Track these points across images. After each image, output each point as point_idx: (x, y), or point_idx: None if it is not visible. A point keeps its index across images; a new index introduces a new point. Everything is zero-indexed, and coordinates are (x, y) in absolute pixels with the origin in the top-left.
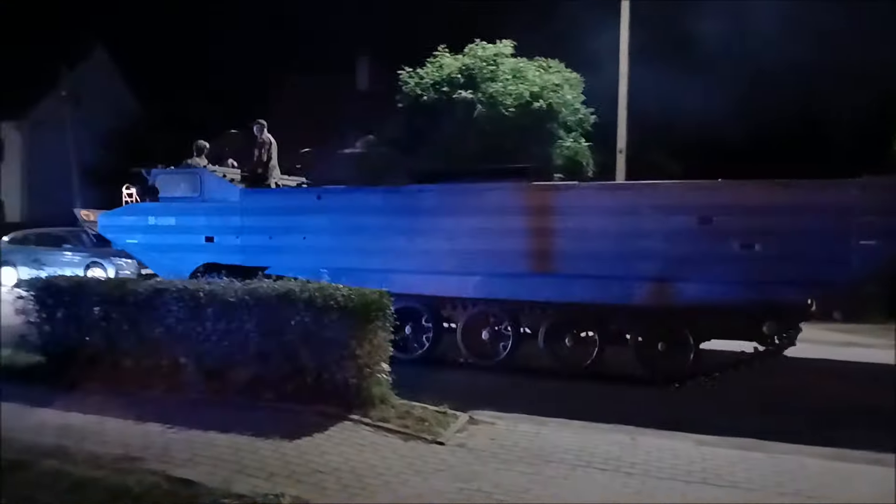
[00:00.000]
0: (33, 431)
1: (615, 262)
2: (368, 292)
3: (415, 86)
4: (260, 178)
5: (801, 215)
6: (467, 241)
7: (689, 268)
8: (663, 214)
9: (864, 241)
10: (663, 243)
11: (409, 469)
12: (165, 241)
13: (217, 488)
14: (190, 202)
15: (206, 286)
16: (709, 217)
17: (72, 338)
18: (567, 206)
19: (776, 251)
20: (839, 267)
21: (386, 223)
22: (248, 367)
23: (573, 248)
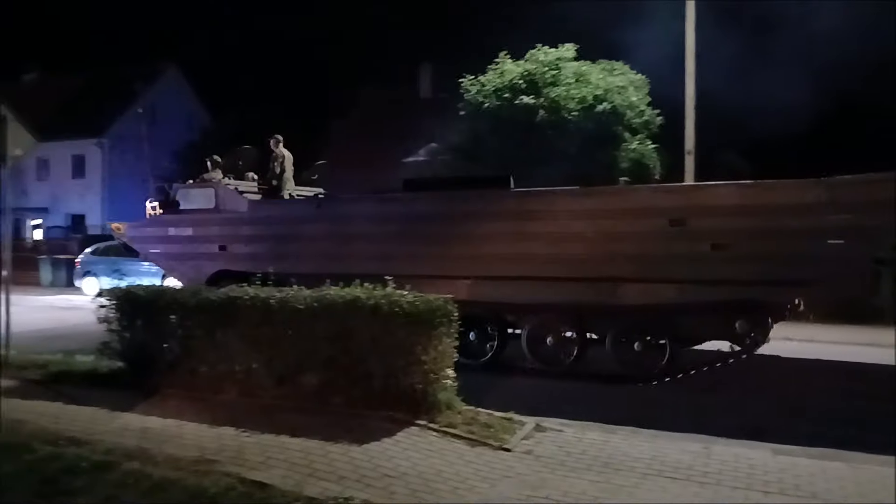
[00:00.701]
0: (116, 434)
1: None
2: (433, 299)
3: (476, 93)
4: (274, 189)
5: (770, 216)
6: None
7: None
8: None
9: (832, 240)
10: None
11: (476, 475)
12: (183, 250)
13: (289, 491)
14: (206, 214)
15: (276, 293)
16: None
17: (150, 345)
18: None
19: (746, 251)
20: (808, 266)
21: (381, 230)
22: (317, 372)
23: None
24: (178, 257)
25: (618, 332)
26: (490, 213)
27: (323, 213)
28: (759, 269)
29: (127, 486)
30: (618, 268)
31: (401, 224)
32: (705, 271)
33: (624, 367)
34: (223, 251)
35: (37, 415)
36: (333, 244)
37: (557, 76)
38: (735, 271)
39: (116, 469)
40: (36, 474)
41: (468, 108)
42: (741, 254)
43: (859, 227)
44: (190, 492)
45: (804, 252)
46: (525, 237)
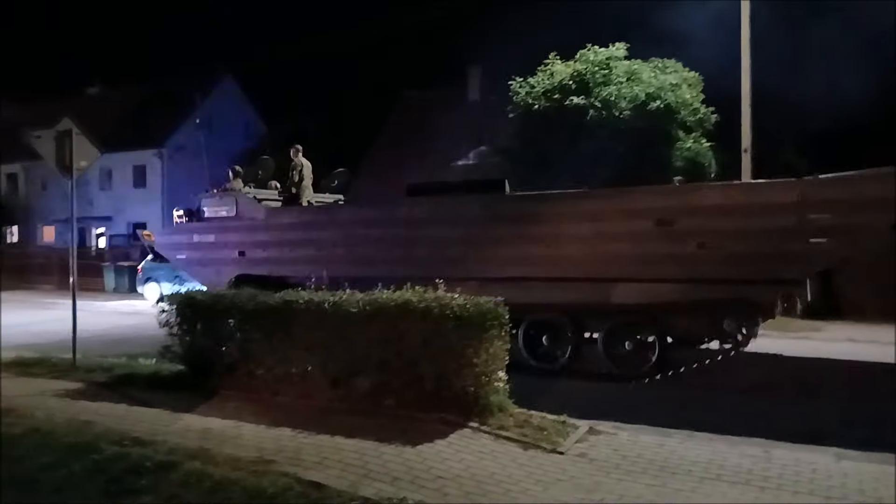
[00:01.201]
0: (179, 435)
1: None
2: (484, 302)
3: (525, 95)
4: (293, 197)
5: (754, 215)
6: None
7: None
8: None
9: (814, 238)
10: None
11: (529, 478)
12: (206, 255)
13: (345, 491)
14: (227, 221)
15: (329, 297)
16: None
17: (210, 348)
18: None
19: (729, 251)
20: (791, 265)
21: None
22: (371, 375)
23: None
24: (202, 262)
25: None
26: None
27: (333, 219)
28: (743, 269)
29: (189, 486)
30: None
31: (403, 228)
32: (691, 270)
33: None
34: (242, 256)
35: (103, 416)
36: (342, 248)
37: (608, 75)
38: (720, 271)
39: (179, 469)
40: (103, 473)
41: (517, 110)
42: (726, 253)
43: (840, 225)
44: (249, 491)
45: (787, 251)
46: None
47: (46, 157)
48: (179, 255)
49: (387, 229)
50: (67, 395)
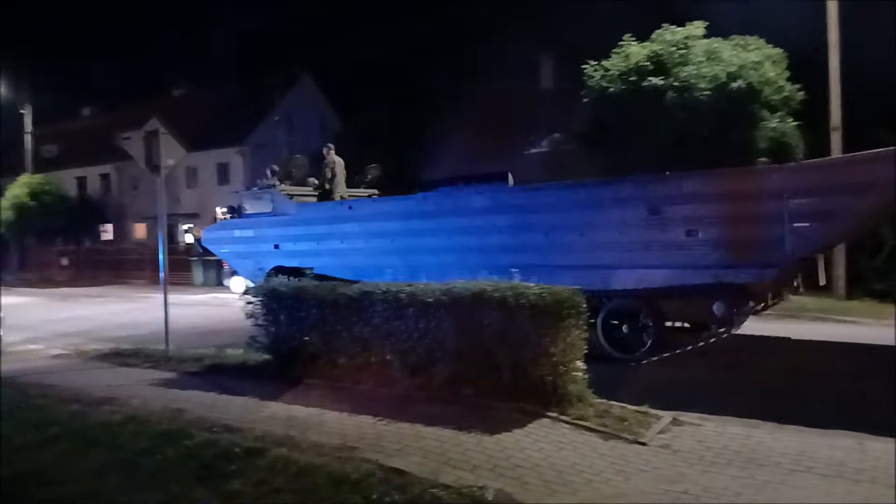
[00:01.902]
0: (265, 422)
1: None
2: (560, 290)
3: (600, 78)
4: (326, 193)
5: (738, 201)
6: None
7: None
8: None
9: (797, 223)
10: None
11: (611, 468)
12: (246, 249)
13: (425, 478)
14: (264, 217)
15: (406, 287)
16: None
17: (294, 338)
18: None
19: (717, 236)
20: (776, 249)
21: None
22: (448, 364)
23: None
24: (242, 255)
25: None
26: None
27: (354, 213)
28: (730, 254)
29: (276, 471)
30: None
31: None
32: (682, 256)
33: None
34: (277, 249)
35: (194, 404)
36: (366, 242)
37: (686, 55)
38: (708, 256)
39: (266, 455)
40: (195, 459)
41: (591, 95)
42: (713, 239)
43: (822, 210)
44: (333, 477)
45: (771, 235)
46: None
47: (136, 156)
48: (223, 249)
49: (401, 222)
50: (161, 384)
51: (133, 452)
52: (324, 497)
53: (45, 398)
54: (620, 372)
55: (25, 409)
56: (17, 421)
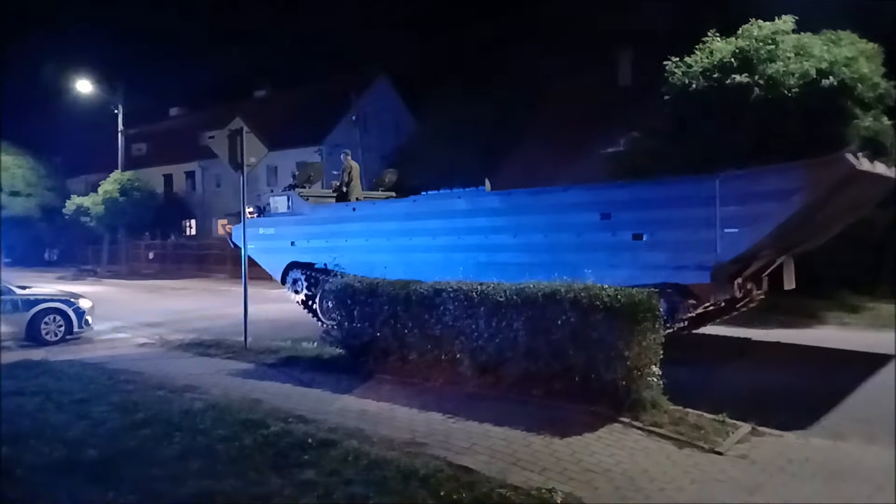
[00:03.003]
0: (338, 414)
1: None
2: (636, 292)
3: (682, 75)
4: (343, 195)
5: (677, 208)
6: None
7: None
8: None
9: (727, 228)
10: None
11: (685, 476)
12: (268, 245)
13: (493, 477)
14: (284, 216)
15: (478, 286)
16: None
17: (366, 333)
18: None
19: (657, 240)
20: (709, 252)
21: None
22: (518, 363)
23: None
24: (265, 251)
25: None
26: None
27: (358, 214)
28: (673, 256)
29: (348, 463)
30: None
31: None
32: (628, 257)
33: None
34: (293, 245)
35: (271, 395)
36: (366, 240)
37: (774, 51)
38: (651, 258)
39: (338, 446)
40: (271, 448)
41: (672, 92)
42: (657, 242)
43: (749, 216)
44: (403, 471)
45: (705, 239)
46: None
47: (220, 154)
48: (249, 245)
49: (395, 222)
50: (240, 374)
51: (213, 439)
52: (393, 491)
53: (132, 384)
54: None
55: (114, 394)
56: (106, 405)
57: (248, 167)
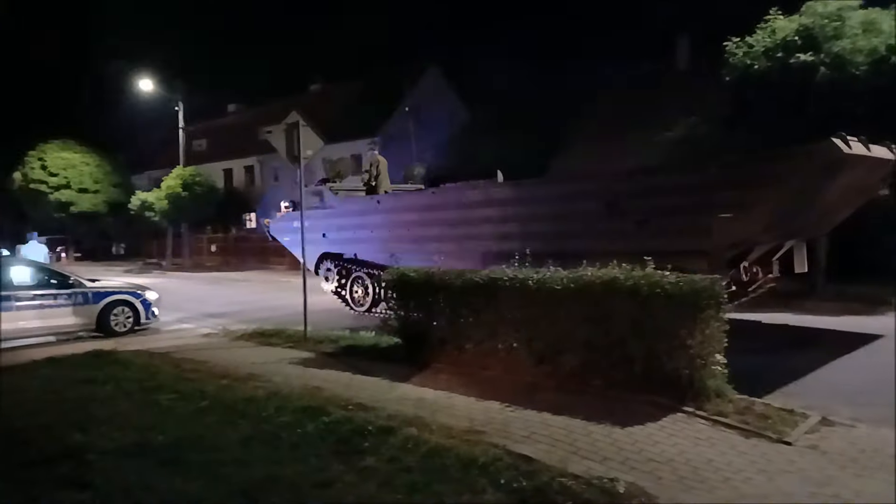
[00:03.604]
0: (396, 402)
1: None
2: (699, 279)
3: (743, 55)
4: (371, 189)
5: (677, 195)
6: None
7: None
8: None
9: (721, 214)
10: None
11: (752, 467)
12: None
13: (553, 466)
14: (316, 209)
15: (534, 274)
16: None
17: (422, 323)
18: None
19: (659, 226)
20: (706, 237)
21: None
22: (576, 353)
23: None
24: (298, 243)
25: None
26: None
27: (382, 206)
28: (673, 241)
29: (407, 450)
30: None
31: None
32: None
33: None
34: (324, 237)
35: (331, 382)
36: (389, 231)
37: (840, 28)
38: (656, 244)
39: (397, 434)
40: (332, 434)
41: (733, 73)
42: (658, 228)
43: (743, 202)
44: (462, 459)
45: (702, 225)
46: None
47: (278, 147)
48: (285, 238)
49: (415, 213)
50: (300, 362)
51: (276, 426)
52: (452, 478)
53: (197, 372)
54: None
55: (180, 382)
56: (173, 393)
57: (304, 160)
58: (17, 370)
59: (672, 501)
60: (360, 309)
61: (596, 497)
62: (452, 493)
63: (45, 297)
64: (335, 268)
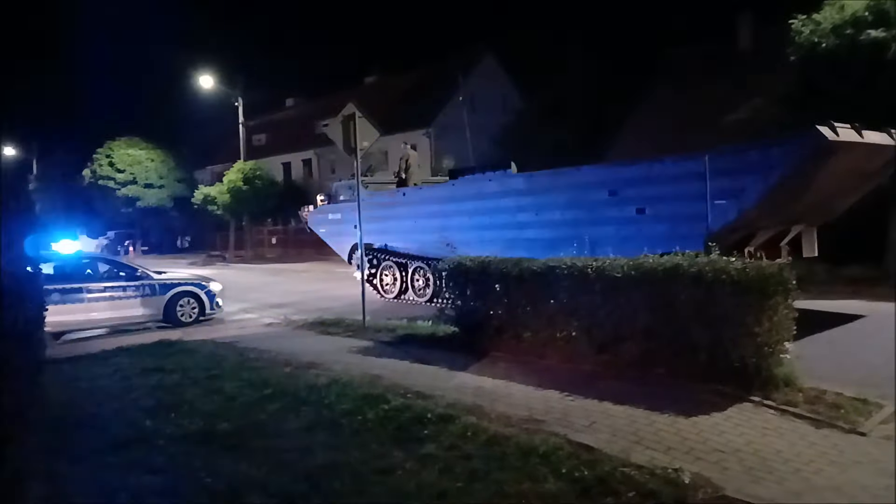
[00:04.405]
0: (454, 391)
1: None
2: (767, 265)
3: (810, 33)
4: (402, 182)
5: (673, 184)
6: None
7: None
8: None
9: (716, 200)
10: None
11: (822, 458)
12: (336, 229)
13: (615, 456)
14: (348, 203)
15: (592, 262)
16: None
17: (479, 311)
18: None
19: (658, 213)
20: (701, 223)
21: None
22: (638, 341)
23: None
24: (334, 234)
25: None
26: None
27: (407, 199)
28: (673, 227)
29: (466, 438)
30: None
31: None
32: (634, 230)
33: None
34: (356, 229)
35: (389, 371)
36: (413, 221)
37: None
38: (653, 230)
39: (456, 422)
40: (392, 422)
41: (799, 53)
42: (656, 215)
43: (734, 189)
44: (522, 448)
45: (698, 212)
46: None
47: (335, 139)
48: (321, 229)
49: (437, 205)
50: (359, 351)
51: (337, 413)
52: (512, 467)
53: (260, 361)
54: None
55: (244, 370)
56: (238, 381)
57: (360, 151)
58: (90, 359)
59: (739, 492)
60: (388, 296)
61: (660, 487)
62: (512, 481)
63: (115, 289)
64: (366, 257)
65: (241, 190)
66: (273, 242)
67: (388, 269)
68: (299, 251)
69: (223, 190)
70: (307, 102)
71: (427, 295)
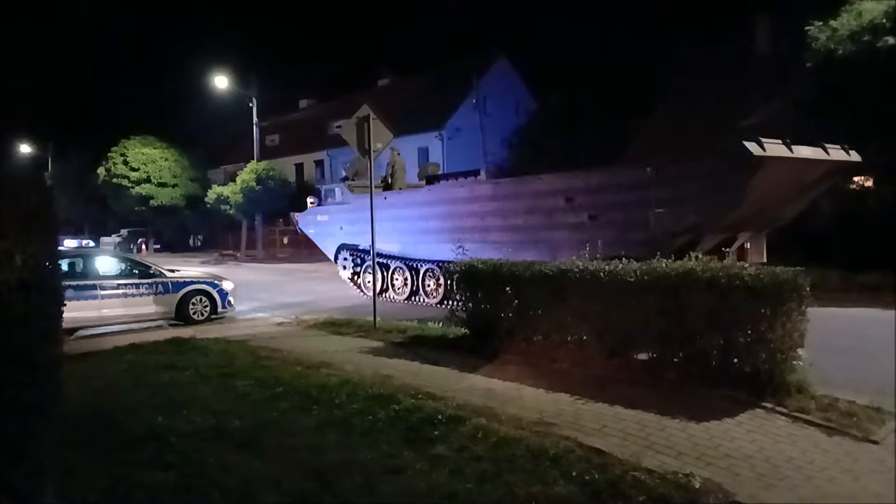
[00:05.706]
0: (465, 393)
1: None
2: (781, 271)
3: (826, 40)
4: (388, 186)
5: (620, 192)
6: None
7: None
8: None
9: (657, 209)
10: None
11: (836, 466)
12: (324, 230)
13: (626, 460)
14: (335, 205)
15: (605, 266)
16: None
17: (490, 314)
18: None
19: (608, 219)
20: (645, 229)
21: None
22: (649, 346)
23: None
24: (321, 235)
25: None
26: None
27: (388, 202)
28: (620, 233)
29: (476, 440)
30: None
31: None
32: (587, 235)
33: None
34: (342, 230)
35: (400, 371)
36: (392, 224)
37: None
38: (604, 234)
39: (466, 424)
40: (402, 422)
41: (815, 58)
42: (607, 221)
43: (675, 197)
44: (532, 450)
45: (641, 219)
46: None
47: (349, 140)
48: (310, 230)
49: (415, 209)
50: (370, 352)
51: (348, 412)
52: (522, 469)
53: (272, 360)
54: (850, 364)
55: (256, 369)
56: (249, 379)
57: (374, 152)
58: (103, 356)
59: (751, 498)
60: (370, 294)
61: (670, 492)
62: (523, 483)
63: (128, 286)
64: (350, 257)
65: (253, 190)
66: (285, 242)
67: (370, 268)
68: (310, 251)
69: (236, 190)
70: (320, 104)
71: (438, 296)
